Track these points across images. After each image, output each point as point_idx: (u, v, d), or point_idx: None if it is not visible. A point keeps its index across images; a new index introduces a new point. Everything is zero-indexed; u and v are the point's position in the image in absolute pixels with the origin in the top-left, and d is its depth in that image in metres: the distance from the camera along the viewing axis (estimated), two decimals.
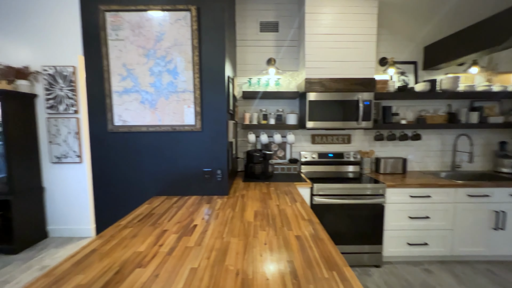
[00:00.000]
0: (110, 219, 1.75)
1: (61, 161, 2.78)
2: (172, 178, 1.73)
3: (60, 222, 2.88)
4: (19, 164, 2.55)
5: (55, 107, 2.71)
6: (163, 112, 1.67)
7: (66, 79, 2.67)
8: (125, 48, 1.64)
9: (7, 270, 2.23)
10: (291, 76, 2.53)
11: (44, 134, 2.76)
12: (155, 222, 1.28)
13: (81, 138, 2.76)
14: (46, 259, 2.39)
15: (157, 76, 1.65)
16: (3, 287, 1.99)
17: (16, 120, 2.52)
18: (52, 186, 2.84)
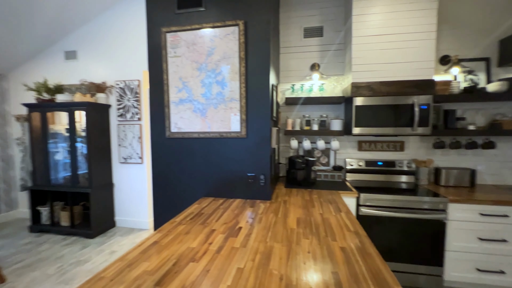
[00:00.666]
0: (165, 214, 1.97)
1: (127, 162, 3.23)
2: (218, 181, 1.86)
3: (124, 214, 3.34)
4: (97, 163, 3.06)
5: (124, 115, 3.17)
6: (212, 119, 1.82)
7: (133, 91, 3.11)
8: (181, 63, 1.84)
9: (86, 251, 2.68)
10: (336, 80, 2.46)
11: (115, 138, 3.25)
12: (204, 221, 1.39)
13: (142, 142, 3.17)
14: (114, 245, 2.80)
15: (207, 87, 1.80)
16: (83, 265, 2.40)
17: (95, 126, 3.04)
18: (119, 182, 3.32)
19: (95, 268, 2.34)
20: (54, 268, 2.35)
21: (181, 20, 1.82)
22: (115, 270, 0.91)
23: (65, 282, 2.14)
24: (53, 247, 2.76)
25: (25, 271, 2.30)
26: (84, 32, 3.23)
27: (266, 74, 1.72)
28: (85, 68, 3.28)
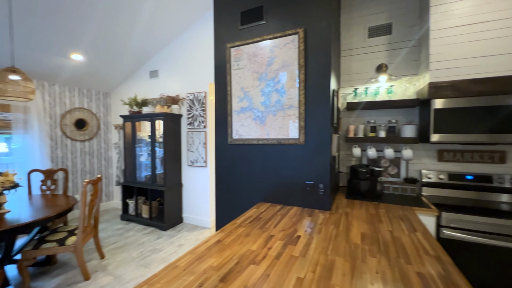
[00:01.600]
0: (226, 215, 2.11)
1: (194, 165, 3.60)
2: (276, 187, 1.88)
3: (190, 212, 3.71)
4: (170, 165, 3.52)
5: (192, 124, 3.57)
6: (271, 127, 1.87)
7: (200, 102, 3.48)
8: (243, 74, 1.97)
9: (160, 241, 3.08)
10: (408, 81, 2.18)
11: (185, 143, 3.69)
12: (262, 226, 1.43)
13: (207, 147, 3.49)
14: (182, 239, 3.14)
15: (266, 95, 1.87)
16: (158, 254, 2.77)
17: (170, 133, 3.51)
18: (187, 183, 3.72)
19: (167, 257, 2.67)
20: (137, 252, 2.79)
21: (243, 35, 1.96)
22: (187, 261, 1.03)
23: (144, 265, 2.51)
24: (136, 235, 3.29)
25: (117, 252, 2.81)
26: (163, 54, 3.82)
27: (327, 80, 1.67)
28: (164, 84, 3.86)
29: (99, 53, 3.37)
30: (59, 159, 3.80)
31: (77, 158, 4.05)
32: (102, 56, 3.46)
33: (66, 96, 3.88)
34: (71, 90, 3.95)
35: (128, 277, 2.30)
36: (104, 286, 2.16)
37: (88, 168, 4.21)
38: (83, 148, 4.14)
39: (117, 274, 2.36)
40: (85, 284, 2.19)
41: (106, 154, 4.51)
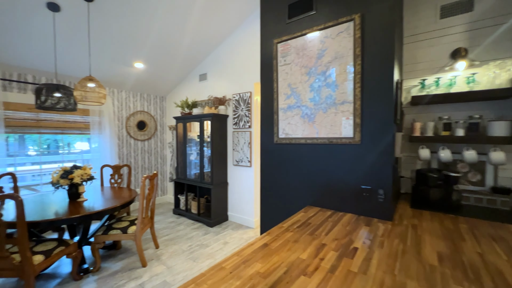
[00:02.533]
0: (271, 217, 2.03)
1: (239, 164, 3.65)
2: (326, 190, 1.72)
3: (235, 210, 3.77)
4: (217, 164, 3.64)
5: (237, 124, 3.62)
6: (321, 125, 1.72)
7: (245, 102, 3.50)
8: (290, 70, 1.87)
9: (207, 237, 3.20)
10: (499, 66, 1.75)
11: (230, 143, 3.77)
12: (312, 232, 1.30)
13: (251, 147, 3.49)
14: (227, 237, 3.20)
15: (316, 91, 1.73)
16: (205, 249, 2.87)
17: (217, 133, 3.63)
18: (232, 182, 3.79)
19: (213, 253, 2.74)
20: (186, 245, 2.95)
21: (291, 29, 1.86)
22: (233, 263, 0.98)
23: (192, 259, 2.62)
24: (186, 229, 3.50)
25: (169, 243, 3.02)
26: (211, 57, 3.99)
27: (389, 69, 1.45)
28: (212, 86, 4.03)
29: (157, 61, 3.70)
30: (124, 156, 4.32)
31: (138, 156, 4.54)
32: (159, 63, 3.79)
33: (130, 101, 4.40)
34: (134, 95, 4.46)
35: (178, 269, 2.43)
36: (158, 274, 2.33)
37: (147, 164, 4.69)
38: (143, 147, 4.62)
39: (169, 264, 2.52)
40: (142, 271, 2.40)
41: (162, 153, 4.95)
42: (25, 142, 3.74)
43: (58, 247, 2.05)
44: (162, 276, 2.30)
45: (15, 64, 3.01)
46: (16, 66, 3.04)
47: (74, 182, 2.43)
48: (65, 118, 3.59)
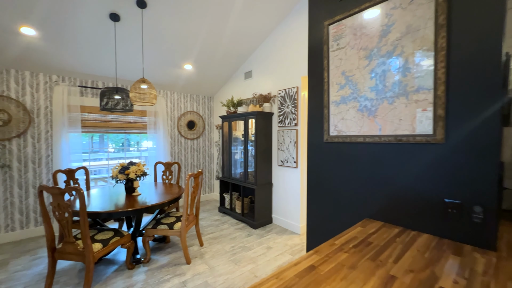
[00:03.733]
0: (320, 226, 1.77)
1: (284, 165, 3.44)
2: (391, 201, 1.38)
3: (279, 213, 3.57)
4: (261, 164, 3.50)
5: (283, 121, 3.41)
6: (385, 119, 1.38)
7: (291, 98, 3.27)
8: (345, 55, 1.57)
9: (250, 239, 3.09)
10: None
11: (275, 142, 3.58)
12: (375, 256, 1.01)
13: (298, 146, 3.24)
14: (270, 241, 3.03)
15: (379, 77, 1.40)
16: (247, 252, 2.75)
17: (261, 132, 3.49)
18: (276, 183, 3.60)
19: (255, 258, 2.61)
20: (229, 246, 2.89)
21: (346, 6, 1.56)
22: None
23: (234, 261, 2.54)
24: (229, 228, 3.47)
25: (213, 242, 3.01)
26: (256, 54, 3.87)
27: (494, 40, 1.03)
28: (257, 84, 3.92)
29: (204, 62, 3.79)
30: (176, 154, 4.59)
31: (188, 154, 4.77)
32: (206, 64, 3.87)
33: (181, 102, 4.64)
34: (185, 96, 4.69)
35: (220, 270, 2.37)
36: (200, 274, 2.31)
37: (196, 162, 4.89)
38: (192, 145, 4.83)
39: (211, 264, 2.49)
40: (186, 268, 2.42)
41: (209, 151, 5.10)
42: (104, 140, 4.31)
43: (114, 237, 2.21)
44: (204, 276, 2.27)
45: (89, 73, 3.46)
46: (89, 74, 3.49)
47: (130, 177, 2.62)
48: (127, 119, 3.99)
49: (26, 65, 3.03)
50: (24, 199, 3.14)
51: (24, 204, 3.14)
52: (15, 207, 3.08)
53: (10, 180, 3.04)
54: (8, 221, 3.04)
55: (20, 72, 3.10)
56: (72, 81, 3.47)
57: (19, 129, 3.09)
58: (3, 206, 3.01)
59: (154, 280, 2.21)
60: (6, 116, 3.00)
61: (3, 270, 2.39)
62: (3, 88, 2.99)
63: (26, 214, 3.16)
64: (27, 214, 3.17)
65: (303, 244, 2.94)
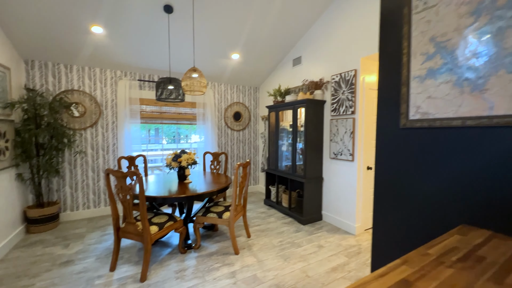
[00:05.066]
0: (390, 232, 1.48)
1: (337, 158, 3.12)
2: (503, 205, 1.02)
3: (330, 210, 3.29)
4: (311, 156, 3.26)
5: (337, 110, 3.09)
6: (499, 94, 1.02)
7: (348, 83, 2.91)
8: (436, 15, 1.23)
9: (299, 235, 2.91)
10: None
11: (327, 133, 3.28)
12: (499, 278, 0.73)
13: (354, 137, 2.89)
14: (321, 240, 2.79)
15: (494, 37, 1.03)
16: (296, 249, 2.58)
17: (312, 122, 3.23)
18: (328, 178, 3.32)
19: (305, 256, 2.42)
20: (277, 240, 2.77)
21: None
22: None
23: (283, 257, 2.40)
24: (276, 222, 3.34)
25: (260, 235, 2.93)
26: (306, 39, 3.58)
27: None
28: (306, 70, 3.64)
29: (251, 50, 3.68)
30: (222, 145, 4.66)
31: (234, 145, 4.80)
32: (253, 52, 3.76)
33: (228, 93, 4.67)
34: (231, 87, 4.70)
35: (268, 265, 2.26)
36: (249, 266, 2.24)
37: (241, 154, 4.89)
38: (238, 136, 4.84)
39: (260, 257, 2.40)
40: (235, 258, 2.39)
41: (255, 143, 5.05)
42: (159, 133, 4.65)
43: (169, 221, 2.30)
44: (252, 269, 2.20)
45: (146, 67, 3.69)
46: (147, 68, 3.73)
47: (182, 165, 2.69)
48: (178, 111, 4.18)
49: (96, 62, 3.38)
50: (96, 182, 3.57)
51: (96, 186, 3.57)
52: (89, 188, 3.52)
53: (85, 164, 3.48)
54: (84, 200, 3.50)
55: (92, 69, 3.48)
56: (132, 75, 3.76)
57: (92, 120, 3.49)
58: (81, 186, 3.47)
59: (204, 267, 2.23)
60: (82, 108, 3.42)
61: (80, 242, 2.74)
62: (79, 84, 3.40)
63: (98, 194, 3.59)
64: (99, 195, 3.59)
65: (360, 246, 2.63)
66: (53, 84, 3.24)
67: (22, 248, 2.59)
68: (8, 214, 2.62)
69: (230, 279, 2.06)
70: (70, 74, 3.34)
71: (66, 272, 2.15)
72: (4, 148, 2.53)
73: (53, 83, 3.24)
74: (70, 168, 3.39)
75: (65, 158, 3.35)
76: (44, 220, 2.98)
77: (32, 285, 1.97)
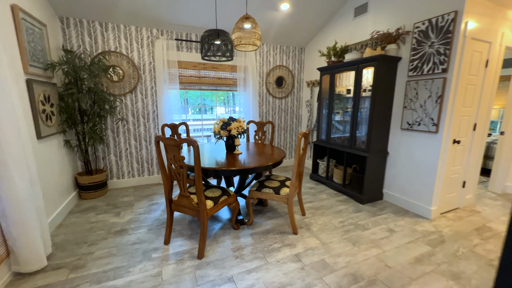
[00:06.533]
0: None
1: (412, 128, 2.58)
2: None
3: (395, 189, 2.85)
4: (377, 127, 2.74)
5: (418, 68, 2.45)
6: None
7: (441, 31, 2.23)
8: None
9: (361, 216, 2.55)
10: None
11: (400, 98, 2.69)
12: None
13: (443, 103, 2.29)
14: (390, 223, 2.42)
15: None
16: (363, 232, 2.25)
17: (381, 84, 2.65)
18: (394, 152, 2.82)
19: (377, 241, 2.08)
20: (337, 221, 2.45)
21: None
22: None
23: (351, 241, 2.09)
24: (330, 199, 3.01)
25: (316, 213, 2.63)
26: None
27: None
28: (374, 20, 2.94)
29: None
30: (263, 114, 4.27)
31: (276, 114, 4.38)
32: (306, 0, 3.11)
33: (270, 55, 4.12)
34: (274, 48, 4.13)
35: (336, 249, 1.97)
36: (313, 249, 1.97)
37: (283, 124, 4.48)
38: (280, 105, 4.39)
39: (323, 239, 2.12)
40: (294, 238, 2.13)
41: (297, 112, 4.57)
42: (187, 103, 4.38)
43: (222, 196, 2.06)
44: (319, 253, 1.92)
45: (184, 23, 3.27)
46: (185, 25, 3.30)
47: (232, 134, 2.38)
48: (218, 75, 3.79)
49: (131, 19, 3.03)
50: (139, 150, 3.47)
51: (139, 154, 3.48)
52: (133, 156, 3.45)
53: (127, 132, 3.36)
54: (129, 168, 3.45)
55: (128, 27, 3.15)
56: (169, 34, 3.38)
57: (131, 85, 3.27)
58: (125, 155, 3.40)
59: (262, 246, 2.01)
60: (121, 72, 3.18)
61: (130, 211, 2.69)
62: (116, 45, 3.13)
63: (141, 163, 3.52)
64: (142, 164, 3.52)
65: (441, 233, 2.21)
66: (90, 45, 3.00)
67: (77, 213, 2.60)
68: (62, 179, 2.61)
69: (296, 263, 1.81)
70: (106, 33, 3.06)
71: (122, 241, 2.08)
72: (50, 113, 2.41)
73: (90, 43, 3.00)
74: (114, 136, 3.29)
75: (108, 125, 3.24)
76: (94, 187, 2.98)
77: (91, 253, 1.92)
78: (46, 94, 2.34)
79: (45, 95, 2.32)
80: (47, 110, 2.34)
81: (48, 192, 2.27)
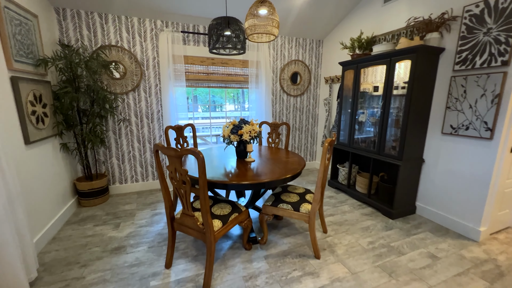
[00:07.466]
0: None
1: (457, 133, 2.17)
2: None
3: (431, 203, 2.45)
4: (412, 130, 2.35)
5: (469, 61, 2.03)
6: None
7: (503, 14, 1.81)
8: None
9: (392, 236, 2.19)
10: None
11: (442, 97, 2.28)
12: None
13: (501, 103, 1.87)
14: (429, 245, 2.04)
15: None
16: (399, 257, 1.89)
17: (418, 81, 2.25)
18: (432, 160, 2.41)
19: (417, 271, 1.72)
20: (365, 241, 2.10)
21: None
22: None
23: (385, 270, 1.73)
24: (353, 212, 2.65)
25: (339, 229, 2.29)
26: None
27: None
28: (411, 5, 2.51)
29: None
30: (277, 113, 3.92)
31: (290, 114, 4.02)
32: None
33: (285, 48, 3.75)
34: (290, 41, 3.75)
35: (369, 281, 1.63)
36: (341, 281, 1.63)
37: (298, 124, 4.12)
38: (295, 103, 4.02)
39: (351, 267, 1.77)
40: (316, 264, 1.80)
41: (314, 111, 4.19)
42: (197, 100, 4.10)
43: (233, 213, 1.75)
44: (347, 286, 1.59)
45: (190, 14, 2.95)
46: (191, 15, 2.99)
47: (243, 139, 2.06)
48: (228, 71, 3.47)
49: (133, 9, 2.75)
50: (143, 153, 3.22)
51: (143, 157, 3.23)
52: (136, 160, 3.20)
53: (130, 134, 3.11)
54: (132, 172, 3.21)
55: (130, 19, 2.87)
56: (175, 26, 3.07)
57: (134, 82, 3.00)
58: (127, 158, 3.15)
59: (280, 274, 1.70)
60: (122, 68, 2.92)
61: (130, 222, 2.43)
62: (117, 38, 2.85)
63: (145, 167, 3.27)
64: (146, 168, 3.27)
65: (496, 262, 1.82)
66: (89, 38, 2.74)
67: (74, 224, 2.37)
68: (58, 187, 2.38)
69: None
70: (106, 26, 2.79)
71: (118, 263, 1.82)
72: (42, 115, 2.16)
73: (89, 37, 2.74)
74: (115, 138, 3.05)
75: (109, 126, 2.99)
76: (94, 194, 2.75)
77: (82, 277, 1.67)
78: (37, 94, 2.09)
79: (35, 94, 2.07)
80: (38, 112, 2.09)
81: (39, 203, 2.03)
